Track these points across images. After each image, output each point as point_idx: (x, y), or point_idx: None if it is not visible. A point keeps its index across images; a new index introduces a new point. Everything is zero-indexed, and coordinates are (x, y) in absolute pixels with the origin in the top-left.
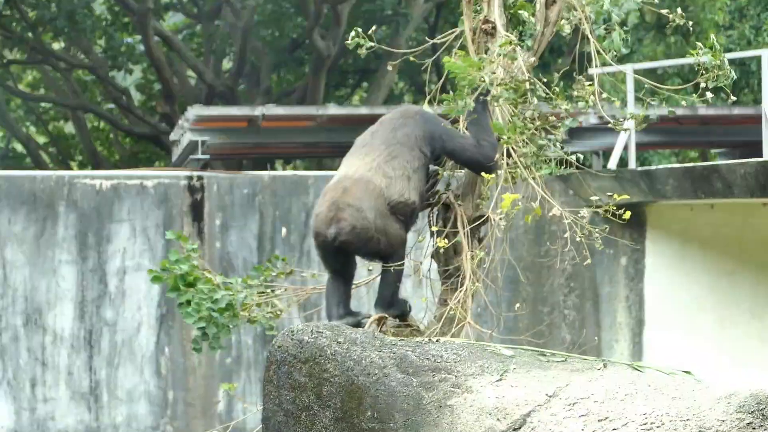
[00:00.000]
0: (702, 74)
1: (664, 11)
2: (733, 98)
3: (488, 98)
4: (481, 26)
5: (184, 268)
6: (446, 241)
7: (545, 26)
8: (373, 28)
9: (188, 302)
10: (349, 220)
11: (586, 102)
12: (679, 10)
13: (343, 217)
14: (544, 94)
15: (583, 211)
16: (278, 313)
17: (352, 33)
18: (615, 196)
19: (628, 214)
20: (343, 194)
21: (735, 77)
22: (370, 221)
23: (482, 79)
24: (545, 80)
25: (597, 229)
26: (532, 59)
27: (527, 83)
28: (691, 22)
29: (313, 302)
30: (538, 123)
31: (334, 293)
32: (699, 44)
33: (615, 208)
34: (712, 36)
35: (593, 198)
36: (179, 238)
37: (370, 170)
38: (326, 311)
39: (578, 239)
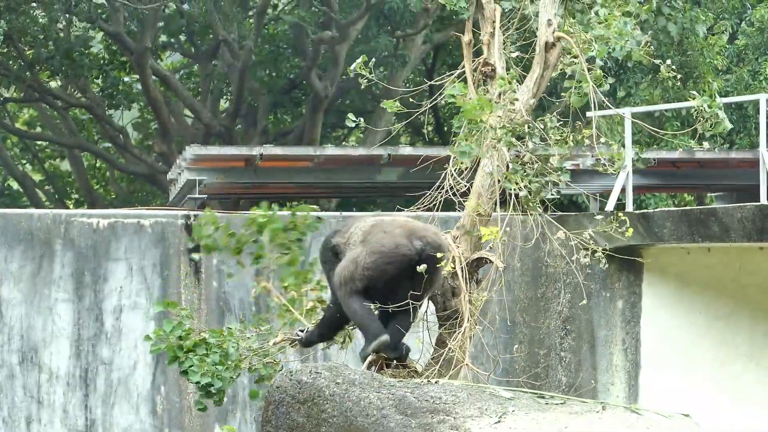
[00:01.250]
0: (699, 120)
1: (657, 61)
2: (726, 144)
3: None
4: (480, 68)
5: (180, 334)
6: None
7: (544, 69)
8: (380, 67)
9: (191, 368)
10: (434, 238)
11: (568, 146)
12: (669, 61)
13: (427, 235)
14: (540, 138)
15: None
16: (278, 361)
17: (357, 60)
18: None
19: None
20: (410, 224)
21: (731, 126)
22: (448, 246)
23: (485, 121)
24: (541, 124)
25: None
26: (532, 101)
27: (526, 126)
28: (685, 69)
29: None
30: (536, 166)
31: (371, 313)
32: (693, 92)
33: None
34: (711, 81)
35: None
36: (168, 306)
37: (419, 220)
38: (367, 329)
39: (580, 258)
